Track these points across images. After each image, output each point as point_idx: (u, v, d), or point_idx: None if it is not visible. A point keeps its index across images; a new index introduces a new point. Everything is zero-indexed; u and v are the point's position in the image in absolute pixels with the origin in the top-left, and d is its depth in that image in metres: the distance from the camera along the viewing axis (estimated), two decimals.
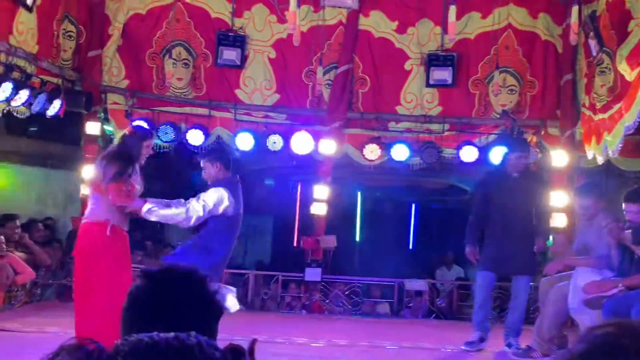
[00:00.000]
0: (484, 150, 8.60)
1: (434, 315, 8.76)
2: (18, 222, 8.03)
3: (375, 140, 8.69)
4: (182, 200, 5.13)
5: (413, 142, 8.71)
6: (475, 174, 10.31)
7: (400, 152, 8.60)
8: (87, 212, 4.85)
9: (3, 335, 6.03)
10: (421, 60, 8.77)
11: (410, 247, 13.16)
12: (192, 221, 5.02)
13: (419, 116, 8.82)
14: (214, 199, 5.02)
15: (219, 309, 1.37)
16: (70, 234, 9.14)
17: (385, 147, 8.65)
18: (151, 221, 5.38)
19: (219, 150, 5.60)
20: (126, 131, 4.98)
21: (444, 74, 8.55)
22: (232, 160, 5.32)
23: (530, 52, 8.71)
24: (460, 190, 11.34)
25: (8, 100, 6.93)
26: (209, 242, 5.09)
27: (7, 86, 6.81)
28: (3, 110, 7.22)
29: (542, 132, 8.67)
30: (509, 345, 6.19)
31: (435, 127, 8.82)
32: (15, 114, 7.50)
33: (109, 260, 4.65)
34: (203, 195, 5.04)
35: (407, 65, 8.83)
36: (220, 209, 5.03)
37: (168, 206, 5.05)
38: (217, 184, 5.11)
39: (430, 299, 8.88)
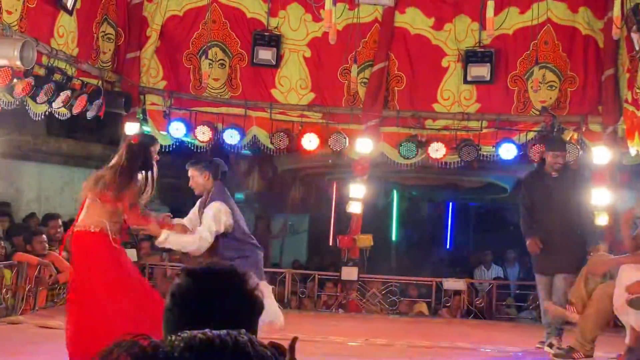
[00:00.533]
0: (523, 148, 8.46)
1: (472, 315, 8.65)
2: (60, 222, 8.20)
3: (412, 138, 8.62)
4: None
5: (450, 140, 8.61)
6: (514, 171, 10.18)
7: (437, 150, 8.51)
8: (83, 218, 4.62)
9: (46, 333, 6.15)
10: (458, 56, 8.67)
11: (448, 246, 13.04)
12: (202, 250, 4.99)
13: (457, 113, 8.72)
14: (216, 218, 4.96)
15: (259, 306, 1.36)
16: None
17: (422, 145, 8.58)
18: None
19: (208, 160, 5.45)
20: (131, 140, 4.78)
21: (481, 71, 8.44)
22: (221, 171, 5.23)
23: (570, 47, 8.53)
24: (498, 189, 11.18)
25: (50, 102, 7.07)
26: (226, 257, 4.95)
27: (49, 88, 6.95)
28: (45, 112, 7.38)
29: (583, 129, 8.47)
30: (550, 346, 6.09)
31: (473, 124, 8.71)
32: (56, 115, 7.66)
33: (109, 268, 4.54)
34: (206, 221, 4.97)
35: (444, 62, 8.74)
36: (222, 226, 4.99)
37: (182, 231, 5.02)
38: (213, 197, 5.04)
39: (469, 298, 8.76)
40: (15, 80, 6.34)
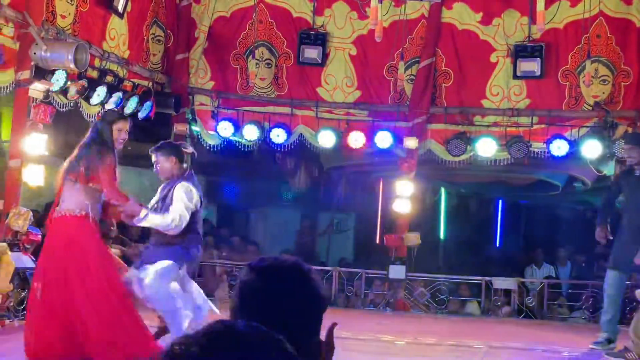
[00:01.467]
0: (575, 144, 8.26)
1: (523, 314, 8.50)
2: (114, 220, 8.38)
3: (460, 135, 8.52)
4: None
5: (500, 137, 8.47)
6: (566, 168, 9.95)
7: (486, 147, 8.38)
8: (63, 202, 4.56)
9: None
10: (507, 51, 8.52)
11: (497, 244, 12.82)
12: (181, 228, 4.73)
13: (506, 109, 8.57)
14: (188, 196, 4.76)
15: (324, 301, 1.37)
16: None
17: (471, 141, 8.46)
18: (239, 218, 5.43)
19: (172, 144, 5.24)
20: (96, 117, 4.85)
21: (532, 66, 8.27)
22: (186, 154, 5.10)
23: (623, 40, 8.28)
24: (550, 186, 10.93)
25: (102, 103, 7.26)
26: (184, 239, 4.79)
27: (101, 90, 7.13)
28: (98, 113, 7.57)
29: (638, 124, 8.21)
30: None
31: (523, 120, 8.55)
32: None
33: (94, 252, 4.50)
34: (179, 198, 4.73)
35: (492, 57, 8.60)
36: (193, 204, 4.80)
37: (155, 211, 4.80)
38: (178, 179, 4.84)
39: (520, 298, 8.61)
40: (69, 82, 6.53)
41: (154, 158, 5.02)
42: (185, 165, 5.03)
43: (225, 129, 8.82)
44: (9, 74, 6.05)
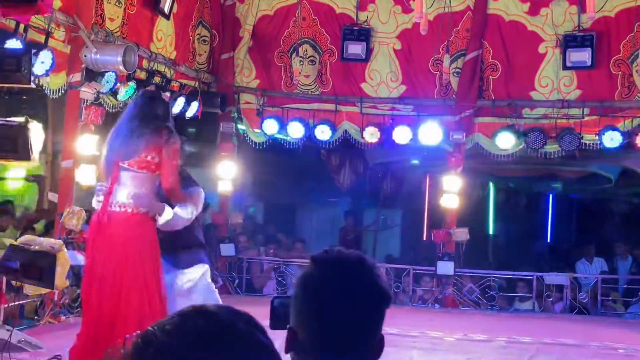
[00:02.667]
0: (628, 135, 8.01)
1: (576, 310, 8.30)
2: None
3: (509, 128, 8.36)
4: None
5: (550, 129, 8.28)
6: (619, 160, 9.66)
7: (536, 140, 8.20)
8: (129, 196, 3.94)
9: None
10: (556, 42, 8.32)
11: (548, 239, 12.56)
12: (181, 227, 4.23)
13: (556, 101, 8.38)
14: (201, 200, 4.30)
15: (387, 296, 1.35)
16: (208, 227, 9.60)
17: (520, 134, 8.30)
18: (285, 215, 5.34)
19: None
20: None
21: (582, 56, 8.05)
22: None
23: None
24: (602, 179, 10.64)
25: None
26: (200, 237, 4.49)
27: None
28: None
29: None
30: None
31: (574, 112, 8.34)
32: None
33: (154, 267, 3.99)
34: (194, 200, 4.23)
35: (541, 48, 8.41)
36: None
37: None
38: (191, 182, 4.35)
39: (572, 293, 8.41)
40: (118, 84, 6.67)
41: None
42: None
43: (271, 127, 8.87)
44: (61, 77, 6.21)
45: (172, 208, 4.04)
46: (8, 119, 3.40)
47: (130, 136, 3.97)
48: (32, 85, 4.38)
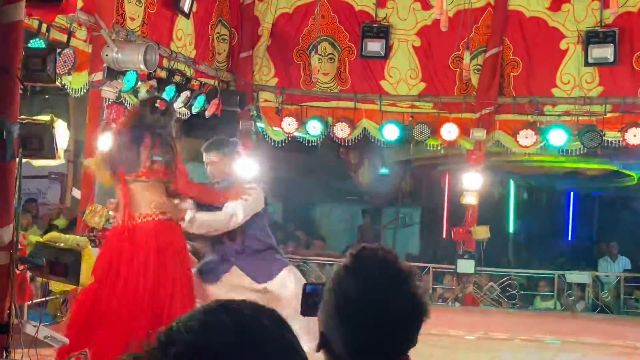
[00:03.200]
0: None
1: (598, 309, 8.21)
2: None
3: (530, 125, 8.29)
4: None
5: (571, 126, 8.20)
6: None
7: (557, 137, 8.13)
8: (150, 205, 4.02)
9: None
10: (578, 38, 8.23)
11: (569, 237, 12.45)
12: (229, 228, 4.28)
13: (578, 98, 8.29)
14: (256, 194, 4.29)
15: (425, 309, 1.30)
16: None
17: (541, 132, 8.23)
18: (304, 213, 5.36)
19: (227, 142, 4.62)
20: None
21: (604, 52, 7.96)
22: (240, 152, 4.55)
23: None
24: (625, 176, 10.52)
25: (171, 102, 7.42)
26: (265, 241, 4.41)
27: (170, 89, 7.29)
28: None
29: None
30: None
31: (596, 109, 8.25)
32: (177, 115, 8.02)
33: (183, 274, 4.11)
34: (242, 199, 4.24)
35: (562, 45, 8.33)
36: (262, 204, 4.35)
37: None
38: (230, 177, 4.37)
39: (594, 292, 8.32)
40: (139, 83, 6.71)
41: (205, 158, 4.56)
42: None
43: (289, 125, 8.88)
44: (83, 76, 6.26)
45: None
46: (34, 117, 3.45)
47: (129, 148, 4.06)
48: (57, 84, 4.43)
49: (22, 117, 3.30)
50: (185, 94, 7.57)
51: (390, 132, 8.59)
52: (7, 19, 3.15)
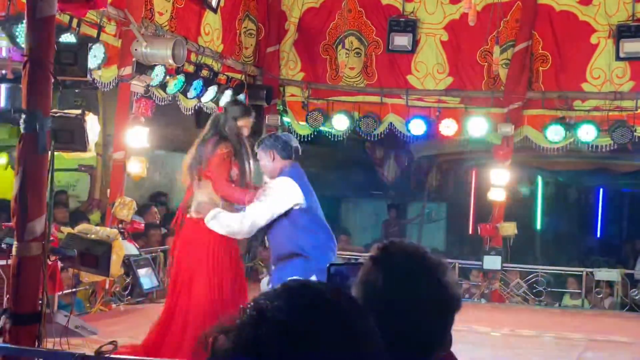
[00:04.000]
0: None
1: (627, 307, 8.09)
2: None
3: (559, 120, 8.18)
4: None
5: (602, 121, 8.08)
6: None
7: (587, 133, 8.02)
8: (195, 203, 4.38)
9: None
10: (609, 32, 8.09)
11: (598, 234, 12.27)
12: (246, 233, 4.28)
13: (608, 93, 8.16)
14: (276, 194, 4.16)
15: (457, 302, 1.28)
16: None
17: (570, 127, 8.12)
18: (329, 208, 5.36)
19: (275, 137, 4.47)
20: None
21: (636, 46, 7.83)
22: (292, 147, 4.35)
23: None
24: None
25: (198, 96, 7.49)
26: (299, 245, 4.18)
27: (198, 84, 7.36)
28: (194, 106, 7.82)
29: None
30: None
31: (627, 104, 8.11)
32: (204, 109, 8.09)
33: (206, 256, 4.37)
34: (261, 199, 4.18)
35: (593, 39, 8.20)
36: (292, 203, 4.17)
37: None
38: (280, 174, 4.27)
39: (624, 290, 8.20)
40: (167, 77, 6.78)
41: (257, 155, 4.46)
42: (289, 160, 4.33)
43: (316, 120, 8.89)
44: (112, 70, 6.34)
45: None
46: (65, 111, 3.52)
47: (196, 151, 4.46)
48: (88, 79, 4.51)
49: (54, 110, 3.36)
50: (213, 88, 7.63)
51: (417, 127, 8.55)
52: (40, 14, 3.20)
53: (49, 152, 3.15)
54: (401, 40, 8.59)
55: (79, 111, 3.52)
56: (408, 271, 1.27)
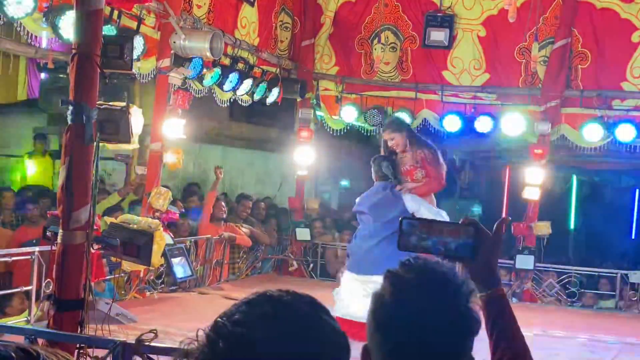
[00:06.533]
0: None
1: None
2: (250, 203, 8.75)
3: (597, 119, 8.05)
4: None
5: None
6: None
7: (625, 133, 7.88)
8: None
9: (228, 303, 6.61)
10: None
11: (633, 236, 12.05)
12: None
13: None
14: None
15: (476, 325, 1.20)
16: (284, 211, 9.76)
17: (608, 127, 7.98)
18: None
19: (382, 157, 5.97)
20: None
21: None
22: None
23: None
24: None
25: (234, 89, 7.54)
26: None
27: (233, 76, 7.41)
28: (230, 99, 7.88)
29: None
30: None
31: None
32: (239, 102, 8.15)
33: None
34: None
35: (634, 37, 8.04)
36: None
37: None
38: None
39: None
40: (204, 70, 6.84)
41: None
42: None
43: (349, 114, 8.89)
44: (151, 62, 6.43)
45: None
46: (111, 103, 3.58)
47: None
48: (133, 72, 4.57)
49: (100, 102, 3.43)
50: (248, 81, 7.67)
51: (451, 123, 8.49)
52: (87, 7, 3.26)
53: (95, 143, 3.22)
54: (438, 36, 8.52)
55: (123, 103, 3.58)
56: (417, 285, 1.19)
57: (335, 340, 1.00)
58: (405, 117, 8.66)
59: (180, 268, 6.67)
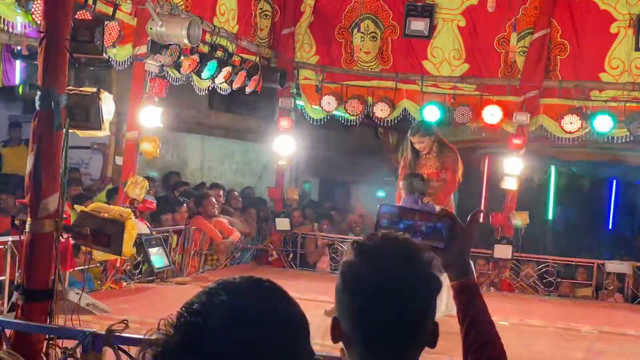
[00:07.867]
0: None
1: (638, 300, 8.05)
2: (222, 192, 8.69)
3: (575, 110, 8.09)
4: None
5: (618, 113, 7.97)
6: None
7: (603, 123, 7.93)
8: None
9: None
10: (630, 22, 7.96)
11: (609, 226, 12.18)
12: None
13: (626, 84, 8.05)
14: None
15: (438, 284, 1.25)
16: (263, 201, 9.72)
17: (586, 117, 8.03)
18: (339, 192, 5.51)
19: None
20: None
21: None
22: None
23: None
24: None
25: (212, 77, 7.44)
26: None
27: (212, 64, 7.31)
28: (208, 87, 7.79)
29: None
30: None
31: None
32: (218, 90, 8.06)
33: None
34: None
35: (612, 28, 8.07)
36: None
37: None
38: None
39: (635, 283, 8.15)
40: (182, 57, 6.74)
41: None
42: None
43: (329, 103, 8.84)
44: (127, 49, 6.32)
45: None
46: (81, 88, 3.50)
47: None
48: (104, 57, 4.49)
49: (69, 87, 3.35)
50: (227, 69, 7.58)
51: (431, 114, 8.48)
52: None
53: (64, 130, 3.14)
54: (418, 25, 8.49)
55: (94, 89, 3.50)
56: (382, 246, 1.26)
57: (291, 324, 1.00)
58: (385, 107, 8.65)
59: (158, 258, 6.61)
